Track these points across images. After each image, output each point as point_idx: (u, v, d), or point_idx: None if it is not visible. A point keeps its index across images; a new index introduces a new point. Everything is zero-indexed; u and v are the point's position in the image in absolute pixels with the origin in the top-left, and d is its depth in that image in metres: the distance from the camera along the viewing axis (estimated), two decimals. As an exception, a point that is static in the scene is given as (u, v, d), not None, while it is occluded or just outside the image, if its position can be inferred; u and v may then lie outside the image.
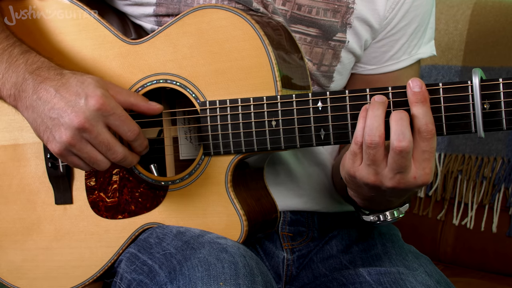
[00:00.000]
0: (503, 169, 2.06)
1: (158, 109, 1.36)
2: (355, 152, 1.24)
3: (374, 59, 1.53)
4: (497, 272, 2.08)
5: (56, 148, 1.29)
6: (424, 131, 1.19)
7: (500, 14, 2.12)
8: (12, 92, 1.33)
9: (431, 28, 1.56)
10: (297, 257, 1.56)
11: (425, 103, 1.20)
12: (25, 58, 1.34)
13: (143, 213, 1.42)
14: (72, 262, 1.47)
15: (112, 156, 1.30)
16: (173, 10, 1.45)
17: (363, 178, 1.24)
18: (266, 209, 1.43)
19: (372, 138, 1.20)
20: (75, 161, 1.31)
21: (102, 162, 1.30)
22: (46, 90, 1.29)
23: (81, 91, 1.27)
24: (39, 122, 1.30)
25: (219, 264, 1.23)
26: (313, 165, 1.58)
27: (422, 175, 1.21)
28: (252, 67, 1.32)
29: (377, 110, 1.21)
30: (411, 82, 1.21)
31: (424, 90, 1.20)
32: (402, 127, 1.19)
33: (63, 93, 1.28)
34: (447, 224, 2.15)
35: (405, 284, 1.33)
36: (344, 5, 1.46)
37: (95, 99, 1.26)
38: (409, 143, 1.18)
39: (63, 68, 1.34)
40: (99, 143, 1.28)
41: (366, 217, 1.39)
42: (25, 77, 1.31)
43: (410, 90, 1.21)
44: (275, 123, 1.30)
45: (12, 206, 1.50)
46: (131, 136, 1.31)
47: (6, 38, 1.38)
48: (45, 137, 1.31)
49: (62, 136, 1.28)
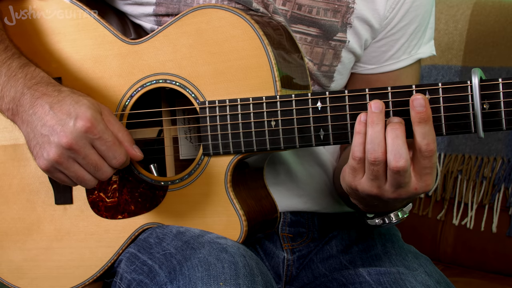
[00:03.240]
0: (503, 169, 2.06)
1: (139, 157, 1.34)
2: (354, 168, 1.23)
3: (374, 59, 1.53)
4: (497, 272, 2.08)
5: (43, 165, 1.30)
6: (425, 151, 1.18)
7: (500, 14, 2.11)
8: (10, 106, 1.34)
9: (431, 28, 1.56)
10: (297, 257, 1.56)
11: (427, 122, 1.18)
12: (24, 73, 1.34)
13: (142, 213, 1.42)
14: (72, 262, 1.47)
15: (101, 176, 1.30)
16: (173, 10, 1.45)
17: (366, 191, 1.24)
18: (266, 209, 1.43)
19: (376, 155, 1.19)
20: (61, 177, 1.32)
21: (90, 181, 1.31)
22: (41, 106, 1.30)
23: (73, 111, 1.27)
24: (31, 136, 1.31)
25: (219, 264, 1.23)
26: (313, 165, 1.58)
27: (423, 187, 1.21)
28: (251, 67, 1.32)
29: (376, 126, 1.19)
30: (414, 101, 1.18)
31: (428, 109, 1.17)
32: (398, 147, 1.17)
33: (56, 110, 1.28)
34: (447, 224, 2.15)
35: (405, 284, 1.33)
36: (344, 5, 1.46)
37: (84, 121, 1.26)
38: (405, 162, 1.17)
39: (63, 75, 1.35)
40: (87, 164, 1.29)
41: (371, 221, 1.37)
42: (23, 92, 1.32)
43: (413, 109, 1.18)
44: (275, 123, 1.30)
45: (12, 206, 1.51)
46: (116, 164, 1.30)
47: (5, 50, 1.37)
48: (35, 152, 1.31)
49: (50, 153, 1.28)
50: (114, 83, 1.42)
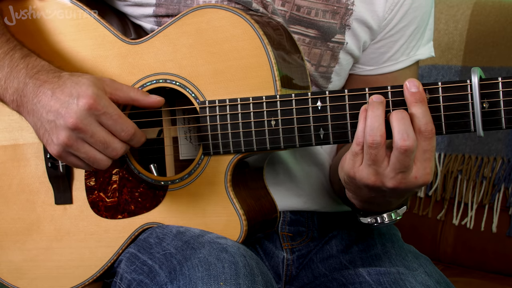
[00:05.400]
0: (503, 169, 2.06)
1: (159, 101, 1.35)
2: (356, 153, 1.24)
3: (373, 60, 1.53)
4: (497, 272, 2.08)
5: (54, 150, 1.30)
6: (424, 131, 1.19)
7: (500, 14, 2.12)
8: (14, 98, 1.34)
9: (430, 30, 1.56)
10: (297, 257, 1.56)
11: (423, 102, 1.20)
12: (26, 63, 1.34)
13: (142, 213, 1.42)
14: (72, 262, 1.47)
15: (111, 153, 1.29)
16: (173, 11, 1.45)
17: (363, 179, 1.24)
18: (266, 209, 1.43)
19: (374, 138, 1.20)
20: (74, 161, 1.31)
21: (102, 161, 1.30)
22: (44, 93, 1.30)
23: (74, 92, 1.27)
24: (39, 125, 1.31)
25: (219, 264, 1.24)
26: (312, 165, 1.58)
27: (423, 175, 1.22)
28: (251, 66, 1.32)
29: (376, 110, 1.21)
30: (408, 83, 1.21)
31: (421, 90, 1.21)
32: (405, 126, 1.19)
33: (58, 94, 1.28)
34: (447, 224, 2.15)
35: (404, 284, 1.33)
36: (343, 7, 1.46)
37: (86, 99, 1.26)
38: (413, 141, 1.19)
39: (63, 69, 1.34)
40: (96, 142, 1.28)
41: (363, 219, 1.38)
42: (25, 82, 1.32)
43: (407, 91, 1.21)
44: (275, 122, 1.31)
45: (12, 206, 1.51)
46: (125, 137, 1.30)
47: (7, 41, 1.38)
48: (44, 140, 1.31)
49: (59, 137, 1.28)
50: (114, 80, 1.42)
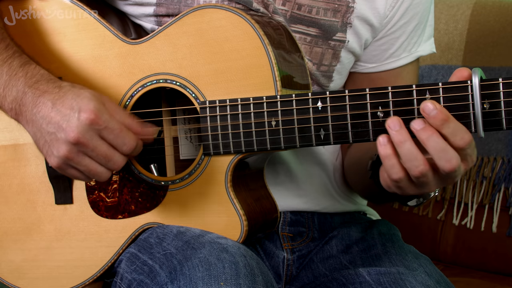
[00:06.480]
0: (503, 169, 2.06)
1: (153, 132, 1.34)
2: (399, 186, 1.21)
3: (375, 57, 1.54)
4: (497, 272, 2.08)
5: (54, 162, 1.30)
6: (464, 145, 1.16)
7: (500, 14, 2.12)
8: (13, 106, 1.33)
9: (430, 26, 1.57)
10: (297, 257, 1.56)
11: (448, 120, 1.15)
12: (25, 71, 1.34)
13: (143, 213, 1.42)
14: (72, 262, 1.47)
15: (112, 166, 1.29)
16: (173, 11, 1.45)
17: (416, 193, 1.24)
18: (266, 209, 1.43)
19: (420, 169, 1.16)
20: (74, 173, 1.31)
21: (103, 173, 1.30)
22: (44, 104, 1.29)
23: (75, 105, 1.27)
24: (39, 136, 1.31)
25: (219, 264, 1.24)
26: (313, 165, 1.58)
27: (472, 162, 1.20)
28: (251, 67, 1.32)
29: (406, 143, 1.16)
30: (424, 109, 1.14)
31: (441, 108, 1.15)
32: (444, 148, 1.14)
33: (59, 106, 1.28)
34: (447, 224, 2.15)
35: (404, 284, 1.33)
36: (344, 5, 1.46)
37: (87, 113, 1.26)
38: (457, 160, 1.15)
39: (64, 75, 1.34)
40: (97, 156, 1.28)
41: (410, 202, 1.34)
42: (24, 91, 1.32)
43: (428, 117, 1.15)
44: (275, 123, 1.30)
45: (13, 206, 1.50)
46: (127, 150, 1.29)
47: (6, 48, 1.37)
48: (44, 151, 1.31)
49: (60, 150, 1.28)
50: (114, 83, 1.42)
